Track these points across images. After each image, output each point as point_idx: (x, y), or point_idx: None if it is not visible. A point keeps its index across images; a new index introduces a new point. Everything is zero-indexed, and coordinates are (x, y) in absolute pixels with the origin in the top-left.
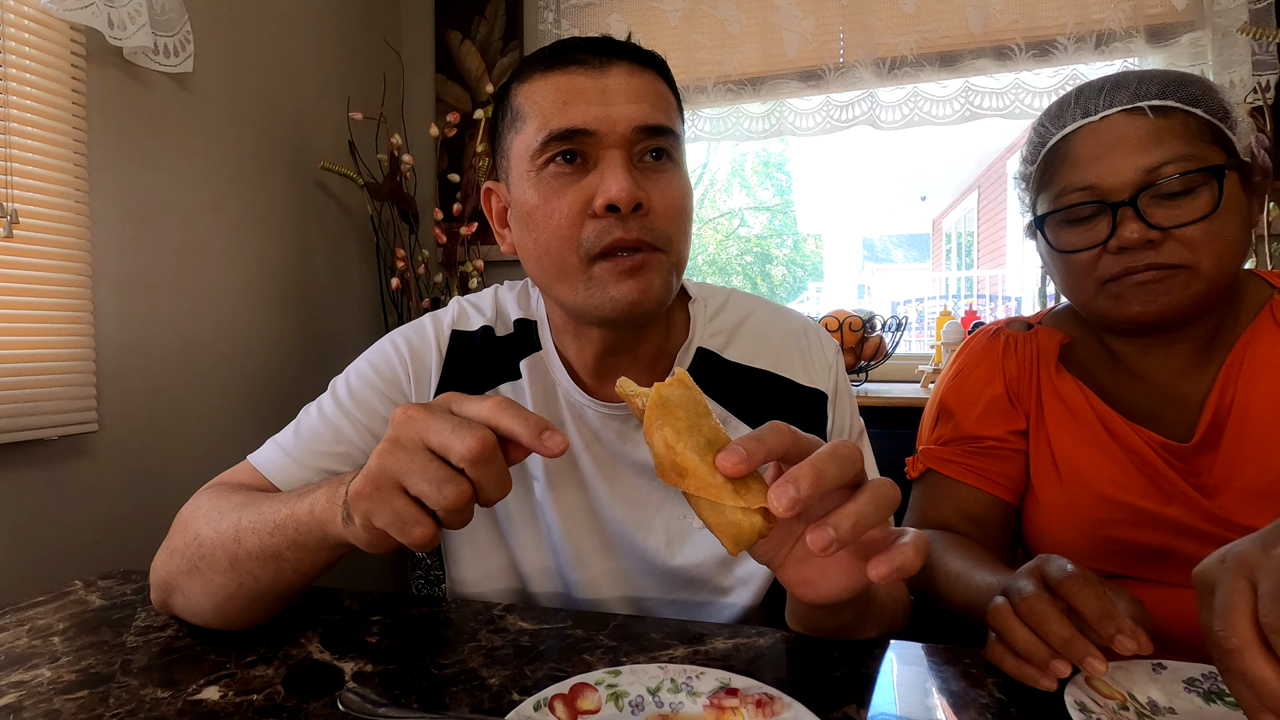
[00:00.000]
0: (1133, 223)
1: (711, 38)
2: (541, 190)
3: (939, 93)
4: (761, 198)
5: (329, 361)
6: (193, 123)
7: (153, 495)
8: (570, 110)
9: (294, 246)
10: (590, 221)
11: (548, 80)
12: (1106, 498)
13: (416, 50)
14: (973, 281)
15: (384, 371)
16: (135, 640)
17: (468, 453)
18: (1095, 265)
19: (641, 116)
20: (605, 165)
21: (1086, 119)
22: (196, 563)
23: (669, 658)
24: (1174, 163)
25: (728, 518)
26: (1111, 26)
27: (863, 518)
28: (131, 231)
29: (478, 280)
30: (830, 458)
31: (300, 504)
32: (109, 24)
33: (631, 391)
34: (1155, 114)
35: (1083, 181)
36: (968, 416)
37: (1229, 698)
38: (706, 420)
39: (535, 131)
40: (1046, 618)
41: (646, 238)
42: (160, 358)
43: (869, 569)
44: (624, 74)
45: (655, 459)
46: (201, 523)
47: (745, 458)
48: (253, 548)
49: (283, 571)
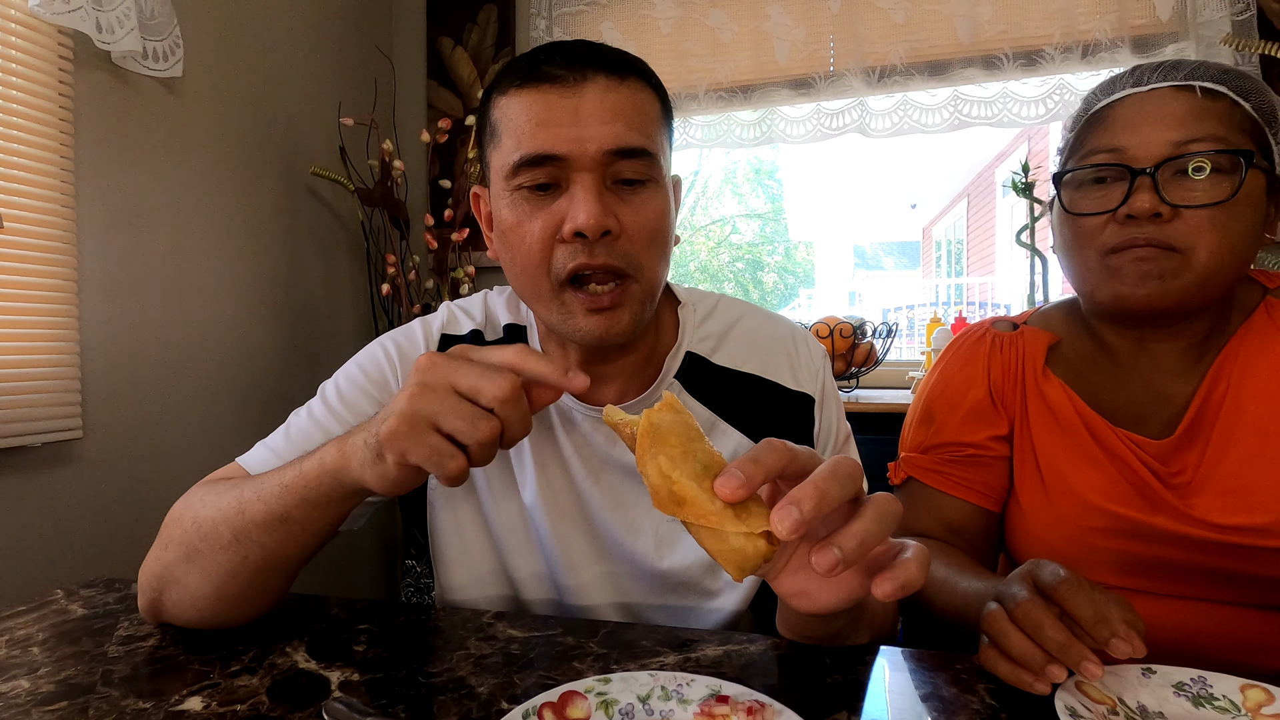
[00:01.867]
0: (1146, 193)
1: (703, 45)
2: (515, 211)
3: (928, 101)
4: (753, 205)
5: (319, 368)
6: (182, 127)
7: (138, 503)
8: (540, 133)
9: (284, 252)
10: (559, 246)
11: (521, 98)
12: (1091, 505)
13: (408, 56)
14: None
15: (373, 375)
16: (117, 650)
17: (500, 393)
18: (1100, 233)
19: (614, 139)
20: (575, 189)
21: (1135, 88)
22: (197, 544)
23: (659, 665)
24: (1206, 141)
25: (731, 544)
26: (1098, 37)
27: (868, 536)
28: (119, 236)
29: (469, 286)
30: (832, 476)
31: (308, 461)
32: (97, 28)
33: (620, 420)
34: (1204, 95)
35: (1111, 144)
36: (950, 422)
37: (1217, 702)
38: (700, 444)
39: (509, 151)
40: (1042, 623)
41: (615, 263)
42: (147, 364)
43: (874, 587)
44: (599, 91)
45: (650, 488)
46: (198, 508)
47: (744, 481)
48: (259, 514)
49: (291, 534)
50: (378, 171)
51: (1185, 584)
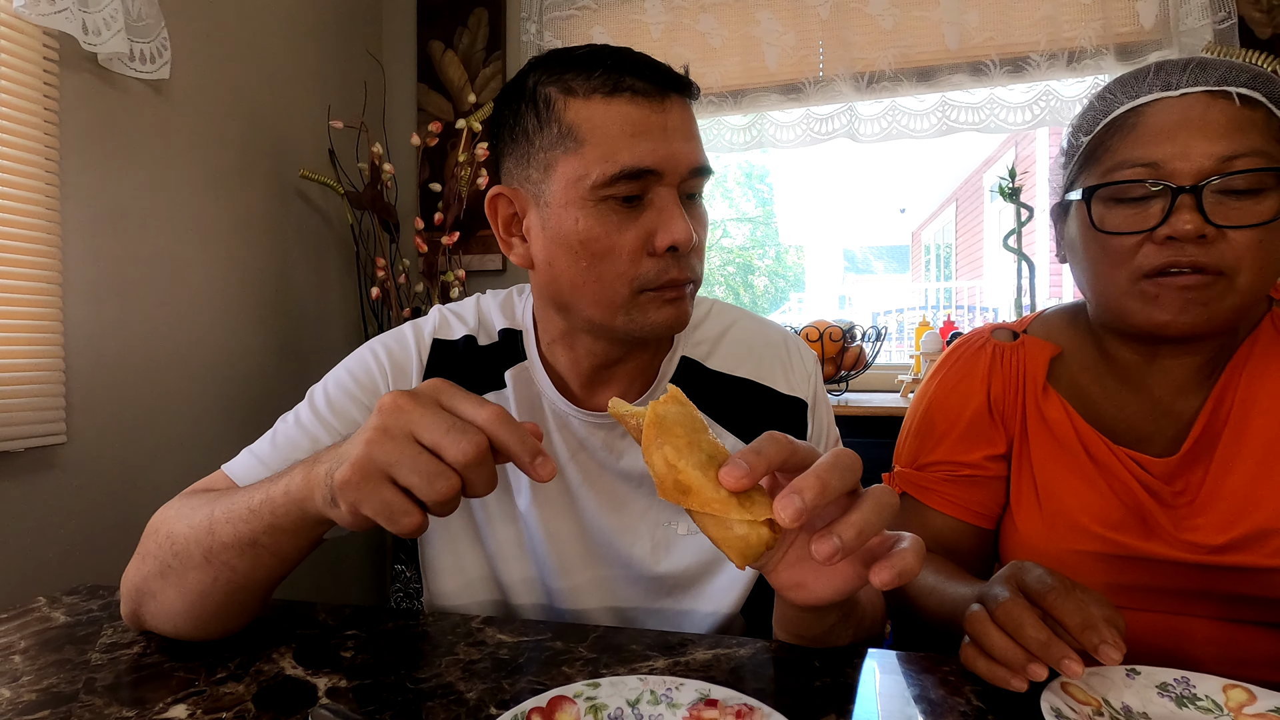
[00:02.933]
0: (1190, 213)
1: (693, 51)
2: (602, 223)
3: (916, 107)
4: (744, 209)
5: (308, 372)
6: (169, 130)
7: (123, 509)
8: (639, 146)
9: (272, 255)
10: (648, 259)
11: (612, 108)
12: (1084, 529)
13: (399, 60)
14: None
15: (363, 380)
16: (100, 658)
17: (462, 457)
18: (1134, 254)
19: (697, 157)
20: (662, 204)
21: (1166, 92)
22: (170, 561)
23: (649, 669)
24: (1250, 157)
25: (735, 532)
26: (1082, 44)
27: (867, 526)
28: (104, 239)
29: (459, 290)
30: (833, 467)
31: (275, 486)
32: (83, 29)
33: (625, 411)
34: (1241, 103)
35: (1146, 158)
36: (947, 437)
37: (1200, 702)
38: (704, 436)
39: (599, 161)
40: (1023, 622)
41: (690, 275)
42: (133, 368)
43: (872, 575)
44: (679, 109)
45: (656, 478)
46: (174, 522)
47: (748, 471)
48: (228, 537)
49: (261, 559)
50: (367, 175)
51: (1175, 603)
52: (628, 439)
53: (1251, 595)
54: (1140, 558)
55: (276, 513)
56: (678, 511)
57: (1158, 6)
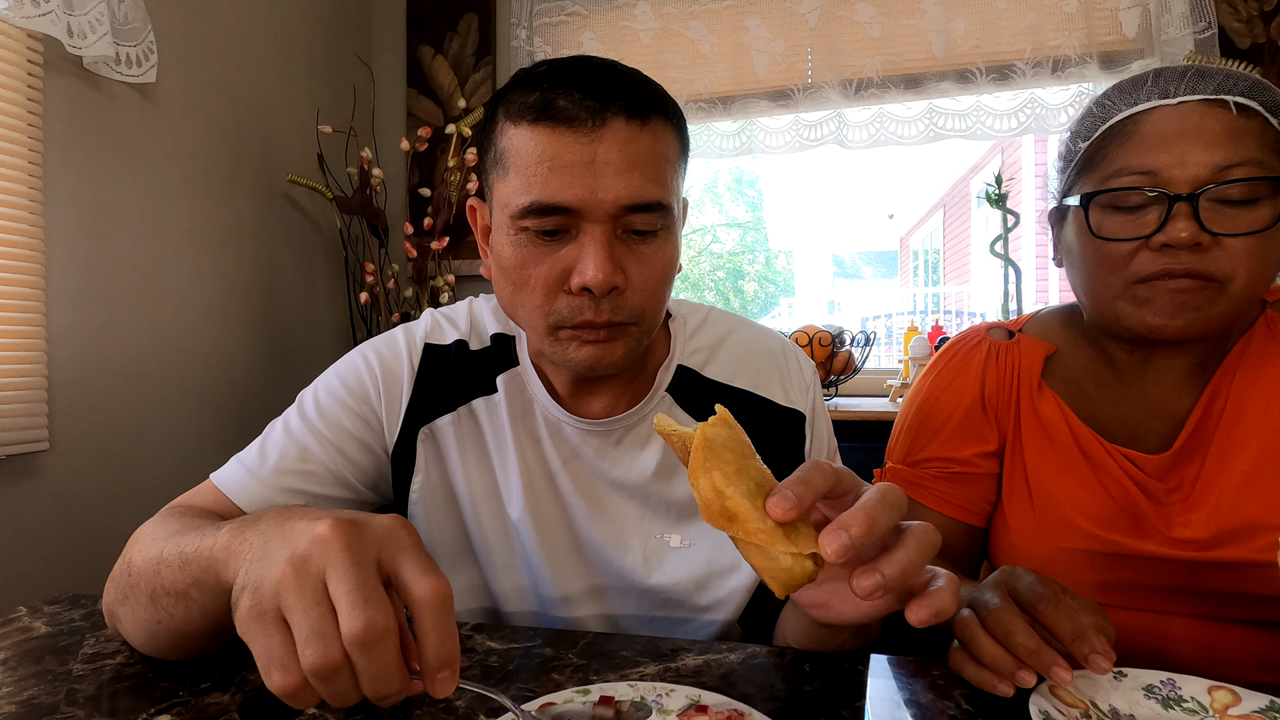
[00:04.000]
0: (1187, 221)
1: (683, 57)
2: (519, 252)
3: (904, 114)
4: (733, 214)
5: (296, 378)
6: (155, 134)
7: (106, 518)
8: (553, 180)
9: (260, 260)
10: (563, 296)
11: (534, 135)
12: (1075, 526)
13: (388, 64)
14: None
15: (353, 386)
16: (82, 669)
17: (358, 627)
18: (1130, 260)
19: (630, 194)
20: (585, 241)
21: (1164, 100)
22: (127, 592)
23: (639, 675)
24: (1246, 166)
25: (779, 564)
26: (1067, 53)
27: (910, 566)
28: (89, 244)
29: (449, 295)
30: (880, 504)
31: (205, 539)
32: (68, 32)
33: (670, 429)
34: (1238, 112)
35: (1144, 165)
36: (940, 434)
37: (1186, 704)
38: (753, 462)
39: (516, 191)
40: (1013, 630)
41: (618, 318)
42: (117, 375)
43: (909, 612)
44: (618, 139)
45: (701, 502)
46: (136, 549)
47: (796, 503)
48: (168, 582)
49: (191, 613)
50: (356, 179)
51: (1164, 601)
52: (621, 447)
53: (1236, 592)
54: (1129, 555)
55: (201, 567)
56: (671, 523)
57: (1140, 16)
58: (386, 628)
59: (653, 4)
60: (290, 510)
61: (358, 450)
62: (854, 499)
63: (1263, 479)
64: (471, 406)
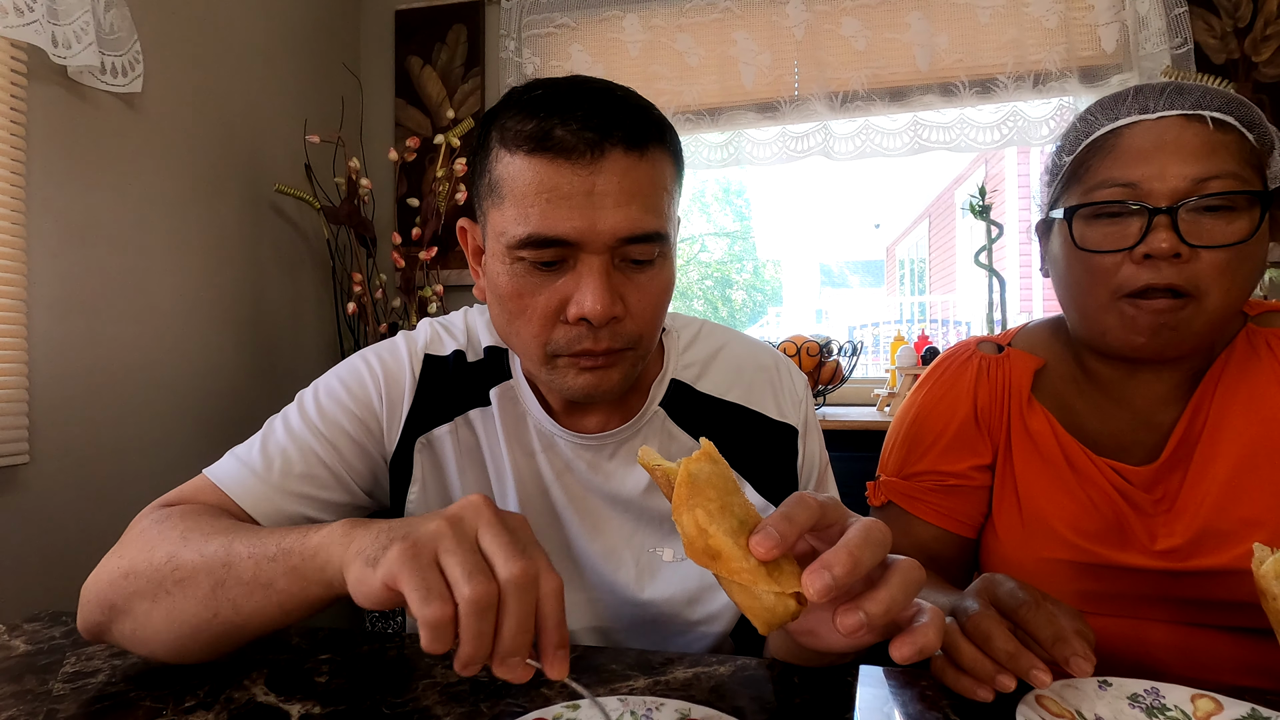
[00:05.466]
0: (1166, 232)
1: (671, 69)
2: (515, 282)
3: (889, 126)
4: (721, 223)
5: (283, 389)
6: (141, 143)
7: (88, 532)
8: (551, 213)
9: (246, 270)
10: (561, 326)
11: (532, 166)
12: (1061, 538)
13: (376, 75)
14: (925, 306)
15: (356, 390)
16: (62, 688)
17: (514, 571)
18: (1116, 272)
19: (629, 225)
20: (583, 272)
21: (1143, 115)
22: (169, 587)
23: (629, 689)
24: (1223, 179)
25: (762, 602)
26: (1048, 67)
27: (894, 604)
28: (72, 254)
29: (437, 305)
30: (864, 543)
31: (313, 534)
32: (53, 42)
33: (654, 463)
34: (1215, 127)
35: (1125, 178)
36: (934, 448)
37: (1170, 712)
38: (736, 498)
39: (512, 221)
40: (992, 634)
41: (616, 345)
42: (99, 387)
43: (893, 649)
44: (616, 170)
45: (685, 539)
46: (178, 544)
47: (779, 541)
48: (246, 573)
49: (269, 604)
50: (344, 189)
51: (1143, 608)
52: (615, 460)
53: (1213, 599)
54: (1112, 566)
55: (305, 557)
56: (663, 537)
57: (1119, 32)
58: (535, 578)
59: (641, 16)
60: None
61: (357, 454)
62: (840, 531)
63: (1240, 488)
64: (468, 417)
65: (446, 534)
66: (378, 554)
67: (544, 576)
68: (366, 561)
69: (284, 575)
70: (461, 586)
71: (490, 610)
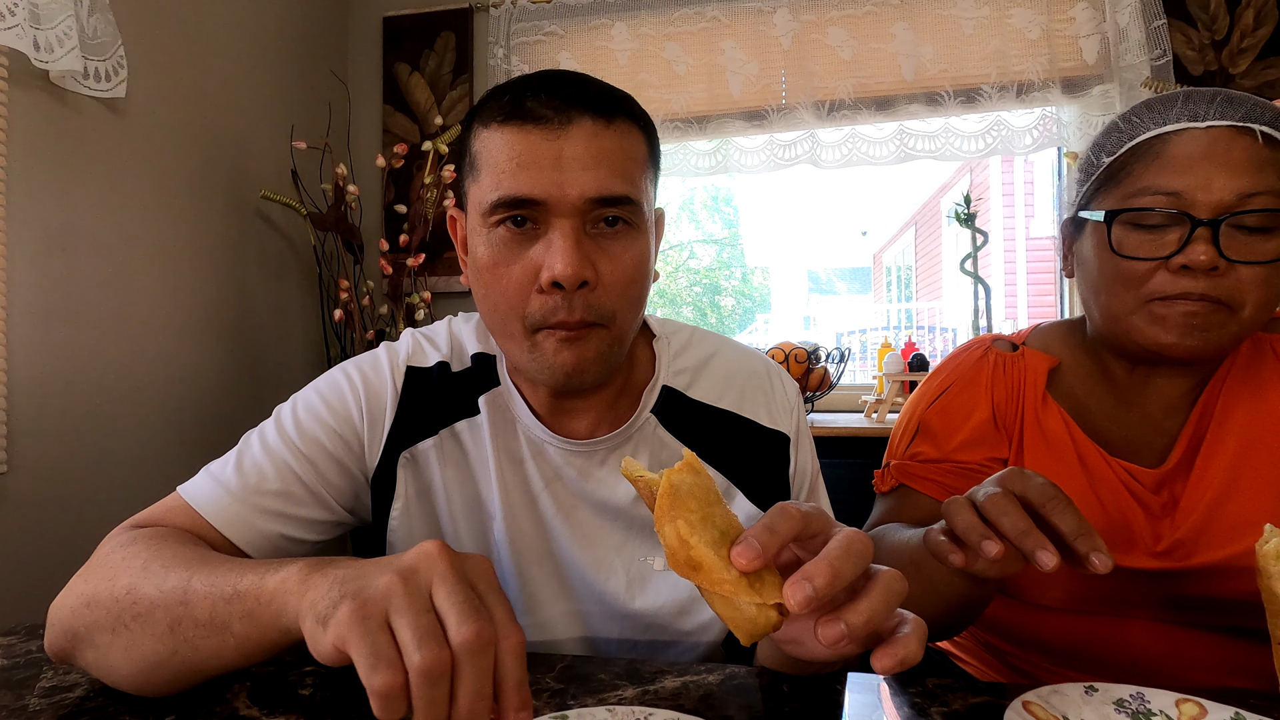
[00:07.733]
0: (1206, 245)
1: (659, 77)
2: (491, 251)
3: (875, 134)
4: (710, 231)
5: (268, 397)
6: (124, 149)
7: (66, 544)
8: (521, 176)
9: (231, 277)
10: (536, 296)
11: (503, 135)
12: None
13: (364, 81)
14: (911, 313)
15: (335, 405)
16: (39, 703)
17: (469, 635)
18: (1147, 279)
19: (597, 187)
20: (554, 236)
21: (1193, 123)
22: (126, 621)
23: (618, 699)
24: (1267, 195)
25: (744, 614)
26: (1031, 78)
27: (875, 615)
28: (53, 261)
29: (425, 312)
30: (845, 555)
31: (270, 575)
32: (35, 46)
33: (636, 474)
34: (1265, 141)
35: (1169, 186)
36: (950, 441)
37: (1155, 717)
38: (719, 509)
39: (487, 189)
40: (1007, 511)
41: (589, 317)
42: (80, 395)
43: (874, 660)
44: (584, 135)
45: (667, 550)
46: (138, 575)
47: (760, 553)
48: (202, 614)
49: (225, 647)
50: (331, 195)
51: (1135, 609)
52: (605, 468)
53: (1205, 597)
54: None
55: (261, 601)
56: (654, 546)
57: (1100, 44)
58: (491, 640)
59: (629, 25)
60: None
61: (336, 471)
62: (823, 541)
63: (1240, 487)
64: (454, 429)
65: (398, 592)
66: (328, 611)
67: (503, 633)
68: (317, 619)
69: (240, 619)
70: (412, 654)
71: (443, 678)
